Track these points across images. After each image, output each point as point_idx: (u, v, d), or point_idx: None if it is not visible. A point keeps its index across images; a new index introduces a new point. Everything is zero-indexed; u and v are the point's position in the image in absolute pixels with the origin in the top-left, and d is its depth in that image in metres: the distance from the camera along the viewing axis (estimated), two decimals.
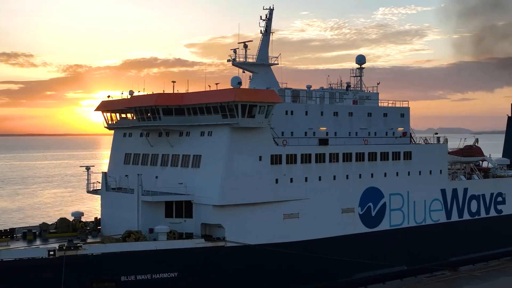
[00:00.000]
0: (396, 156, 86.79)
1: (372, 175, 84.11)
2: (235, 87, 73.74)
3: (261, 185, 73.27)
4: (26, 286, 63.43)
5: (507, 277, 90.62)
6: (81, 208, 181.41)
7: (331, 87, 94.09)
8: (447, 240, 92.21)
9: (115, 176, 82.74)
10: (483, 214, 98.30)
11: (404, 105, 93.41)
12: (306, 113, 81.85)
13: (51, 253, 63.84)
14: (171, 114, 76.12)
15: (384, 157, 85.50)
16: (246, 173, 72.20)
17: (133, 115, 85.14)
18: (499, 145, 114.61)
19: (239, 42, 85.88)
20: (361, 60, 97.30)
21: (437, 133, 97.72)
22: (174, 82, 79.48)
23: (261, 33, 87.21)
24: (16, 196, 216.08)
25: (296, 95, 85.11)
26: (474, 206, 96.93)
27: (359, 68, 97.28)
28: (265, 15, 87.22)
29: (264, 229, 73.73)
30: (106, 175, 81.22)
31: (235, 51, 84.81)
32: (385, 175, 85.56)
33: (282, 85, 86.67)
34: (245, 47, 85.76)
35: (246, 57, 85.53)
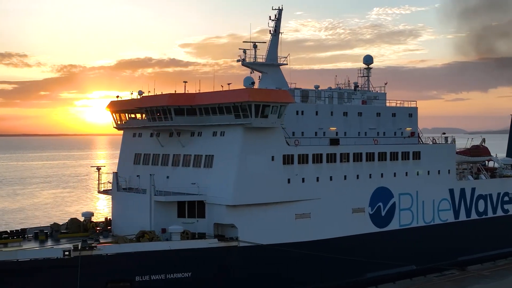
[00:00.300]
0: (405, 156, 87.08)
1: (382, 175, 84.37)
2: (247, 87, 73.85)
3: (273, 185, 73.40)
4: (41, 286, 63.32)
5: None
6: (82, 208, 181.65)
7: (339, 87, 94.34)
8: (455, 239, 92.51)
9: (124, 176, 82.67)
10: (490, 213, 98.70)
11: (412, 105, 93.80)
12: (316, 113, 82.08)
13: (66, 253, 63.83)
14: (183, 114, 76.16)
15: (393, 157, 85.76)
16: (259, 173, 72.31)
17: (142, 115, 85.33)
18: (497, 144, 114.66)
19: (244, 41, 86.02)
20: (368, 60, 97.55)
21: (444, 133, 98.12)
22: (185, 82, 79.66)
23: (270, 33, 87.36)
24: (15, 196, 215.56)
25: (305, 95, 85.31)
26: (481, 205, 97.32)
27: (367, 68, 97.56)
28: (274, 15, 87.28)
29: (276, 229, 73.85)
30: (117, 175, 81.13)
31: (244, 51, 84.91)
32: (395, 175, 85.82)
33: (291, 85, 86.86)
34: (255, 47, 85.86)
35: (255, 57, 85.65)
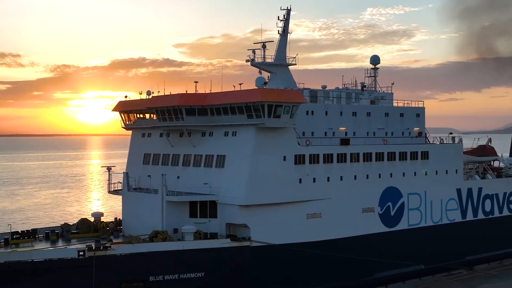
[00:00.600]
0: (414, 156, 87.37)
1: (391, 175, 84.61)
2: (260, 87, 73.95)
3: (285, 185, 73.52)
4: (56, 286, 63.25)
5: None
6: (82, 208, 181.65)
7: (346, 87, 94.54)
8: (462, 239, 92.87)
9: (134, 176, 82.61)
10: (496, 213, 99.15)
11: (419, 105, 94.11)
12: (326, 113, 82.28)
13: (81, 253, 63.78)
14: (194, 114, 76.19)
15: (402, 157, 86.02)
16: (271, 173, 72.41)
17: (151, 115, 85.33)
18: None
19: (254, 42, 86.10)
20: (375, 60, 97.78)
21: (451, 133, 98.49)
22: (196, 82, 79.77)
23: (279, 33, 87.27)
24: (14, 196, 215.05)
25: (314, 95, 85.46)
26: (488, 205, 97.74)
27: (374, 68, 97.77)
28: (282, 15, 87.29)
29: (288, 229, 73.98)
30: (127, 175, 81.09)
31: (254, 51, 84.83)
32: (404, 174, 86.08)
33: (299, 85, 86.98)
34: (264, 47, 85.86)
35: (264, 57, 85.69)
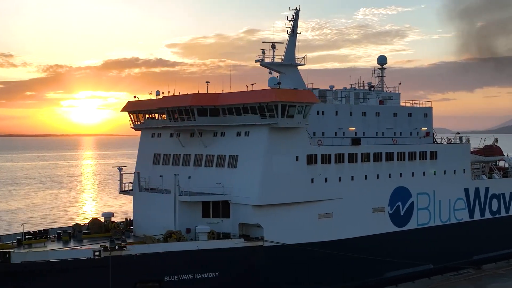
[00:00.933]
0: (423, 155, 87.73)
1: (401, 175, 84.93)
2: (272, 87, 74.08)
3: (298, 185, 73.72)
4: (72, 287, 63.19)
5: None
6: (81, 208, 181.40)
7: (354, 87, 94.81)
8: (470, 239, 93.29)
9: (144, 176, 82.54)
10: (503, 212, 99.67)
11: (427, 105, 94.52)
12: (336, 113, 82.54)
13: (97, 253, 63.74)
14: (206, 114, 76.26)
15: (411, 156, 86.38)
16: (284, 173, 72.58)
17: (160, 115, 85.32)
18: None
19: (263, 41, 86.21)
20: (382, 60, 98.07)
21: (458, 133, 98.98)
22: (208, 82, 79.77)
23: (288, 33, 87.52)
24: (13, 197, 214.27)
25: (323, 95, 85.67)
26: (495, 205, 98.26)
27: (381, 68, 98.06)
28: (291, 15, 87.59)
29: (300, 228, 74.17)
30: (139, 175, 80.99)
31: (263, 51, 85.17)
32: (413, 174, 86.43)
33: (308, 85, 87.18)
34: (273, 47, 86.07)
35: (274, 58, 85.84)
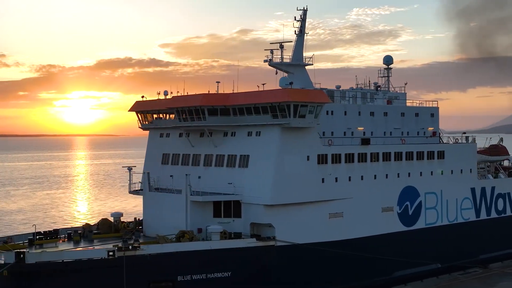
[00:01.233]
0: (430, 155, 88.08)
1: (409, 174, 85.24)
2: (284, 87, 74.22)
3: (309, 185, 73.90)
4: (87, 286, 63.14)
5: None
6: (82, 208, 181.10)
7: (361, 87, 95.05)
8: (476, 238, 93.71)
9: (152, 176, 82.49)
10: (508, 212, 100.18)
11: (433, 105, 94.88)
12: (345, 113, 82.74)
13: (111, 253, 63.70)
14: (216, 114, 76.31)
15: (420, 156, 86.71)
16: (295, 172, 72.75)
17: (168, 115, 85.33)
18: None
19: (271, 42, 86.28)
20: (389, 60, 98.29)
21: (465, 133, 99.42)
22: (218, 82, 79.89)
23: (296, 34, 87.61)
24: (11, 197, 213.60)
25: (331, 95, 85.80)
26: (500, 204, 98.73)
27: (387, 68, 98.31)
28: (299, 16, 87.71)
29: (311, 228, 74.36)
30: (148, 175, 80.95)
31: (272, 51, 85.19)
32: (421, 174, 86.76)
33: (315, 85, 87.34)
34: (281, 47, 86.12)
35: (282, 58, 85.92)
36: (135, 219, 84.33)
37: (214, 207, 74.13)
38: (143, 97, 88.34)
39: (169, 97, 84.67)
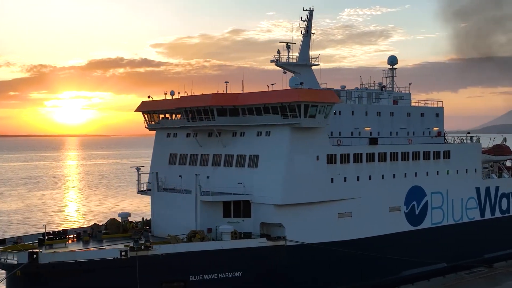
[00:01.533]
0: (436, 155, 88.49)
1: (416, 174, 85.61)
2: (293, 87, 74.38)
3: (318, 185, 74.10)
4: (100, 287, 63.12)
5: None
6: (81, 208, 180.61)
7: (365, 88, 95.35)
8: (481, 237, 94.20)
9: (160, 176, 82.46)
10: None
11: (438, 105, 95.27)
12: (352, 113, 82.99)
13: (123, 253, 63.69)
14: (225, 114, 76.40)
15: (426, 156, 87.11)
16: (305, 172, 72.91)
17: (175, 115, 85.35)
18: None
19: (280, 41, 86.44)
20: (393, 60, 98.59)
21: (469, 133, 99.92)
22: (227, 82, 80.00)
23: (302, 34, 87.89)
24: (8, 198, 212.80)
25: (337, 95, 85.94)
26: (504, 203, 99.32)
27: (391, 68, 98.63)
28: (305, 16, 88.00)
29: (320, 228, 74.58)
30: (157, 175, 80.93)
31: (278, 51, 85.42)
32: (427, 174, 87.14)
33: (321, 85, 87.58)
34: (288, 47, 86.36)
35: (289, 58, 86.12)
36: (143, 219, 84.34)
37: (223, 207, 74.18)
38: (149, 97, 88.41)
39: (175, 97, 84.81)
